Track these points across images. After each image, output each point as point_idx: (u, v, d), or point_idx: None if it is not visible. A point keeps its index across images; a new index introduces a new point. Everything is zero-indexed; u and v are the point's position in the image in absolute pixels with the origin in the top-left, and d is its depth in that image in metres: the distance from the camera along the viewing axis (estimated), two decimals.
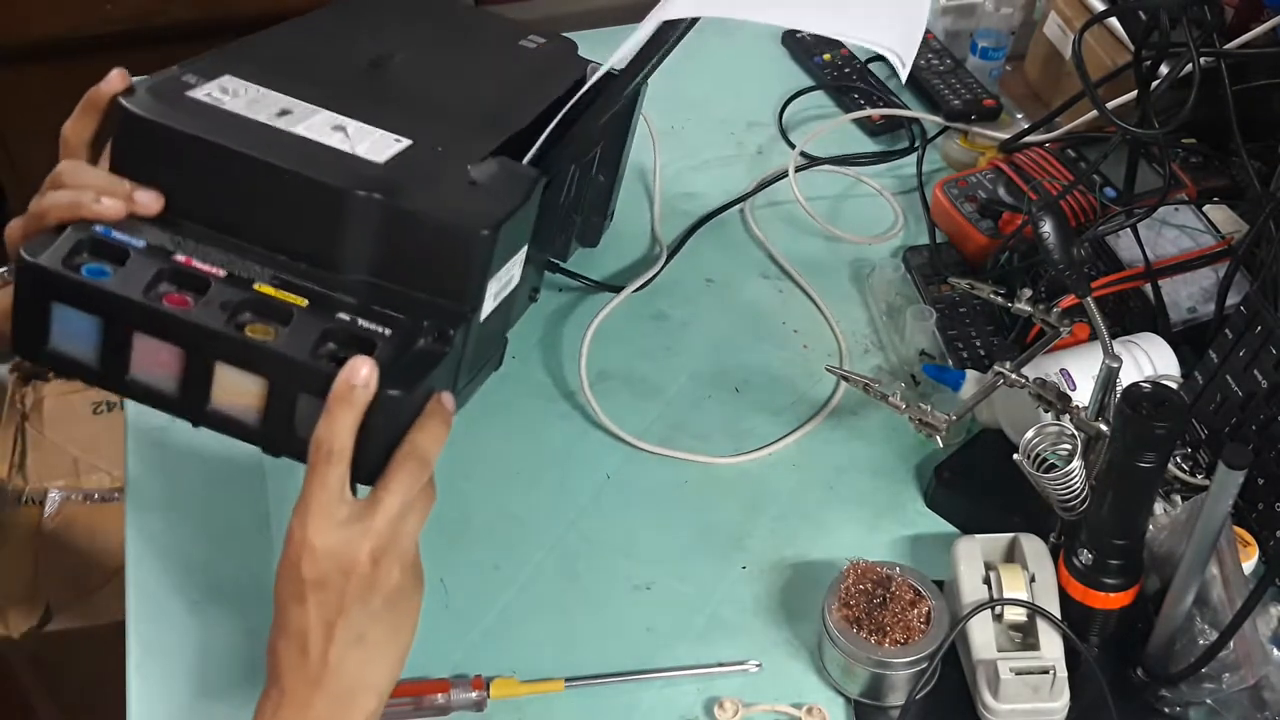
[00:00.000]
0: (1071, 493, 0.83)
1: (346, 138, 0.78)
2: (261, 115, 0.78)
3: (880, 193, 1.25)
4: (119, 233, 0.73)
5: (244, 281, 0.73)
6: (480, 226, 0.74)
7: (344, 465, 0.68)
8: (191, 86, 0.79)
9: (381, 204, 0.73)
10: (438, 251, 0.74)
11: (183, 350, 0.71)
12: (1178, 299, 1.04)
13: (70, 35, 1.99)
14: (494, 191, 0.78)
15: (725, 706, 0.83)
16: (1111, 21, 1.17)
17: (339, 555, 0.67)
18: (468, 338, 0.76)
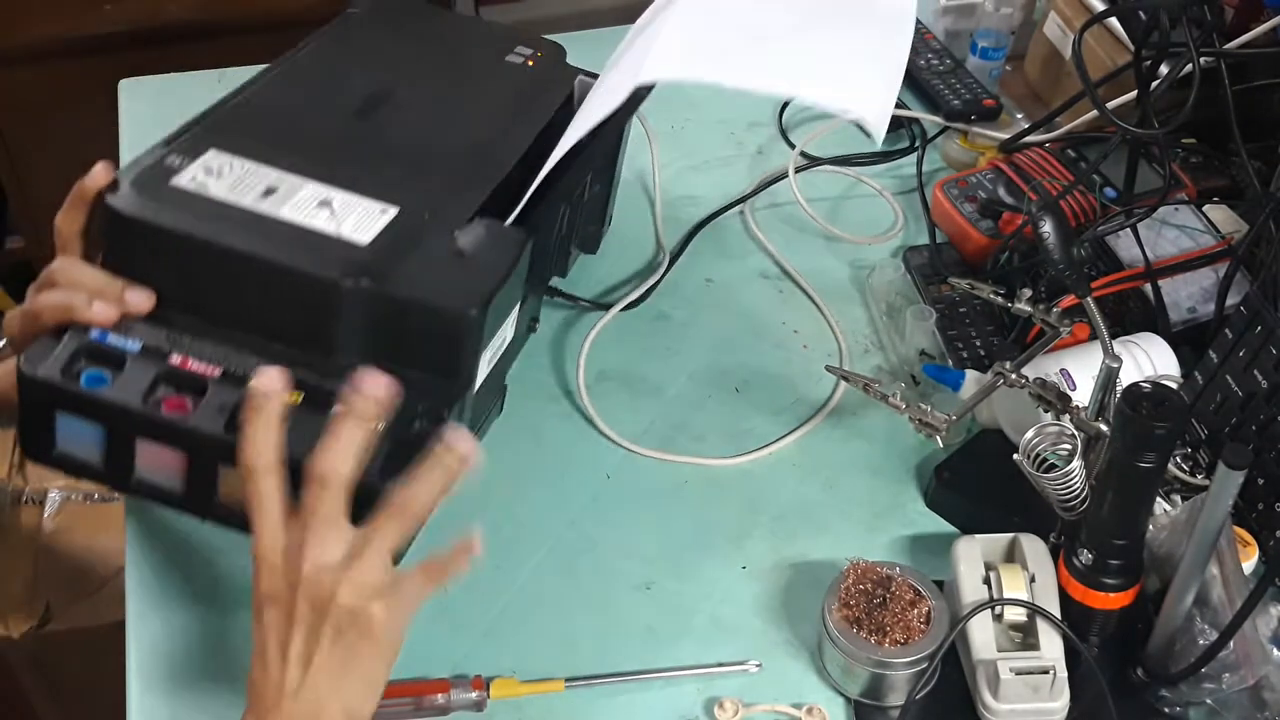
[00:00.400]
0: (1071, 493, 0.83)
1: (332, 215, 0.78)
2: (247, 198, 0.78)
3: (880, 193, 1.25)
4: (114, 336, 0.75)
5: (239, 379, 0.73)
6: (468, 306, 0.75)
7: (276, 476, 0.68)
8: (175, 171, 0.79)
9: (369, 291, 0.74)
10: (428, 333, 0.75)
11: (185, 454, 0.73)
12: (1178, 299, 1.04)
13: (70, 36, 1.99)
14: (481, 262, 0.78)
15: (725, 706, 0.83)
16: (1111, 21, 1.17)
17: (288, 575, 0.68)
18: (464, 410, 0.77)
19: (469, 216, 0.81)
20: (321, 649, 0.68)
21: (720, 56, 0.80)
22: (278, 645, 0.68)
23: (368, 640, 0.68)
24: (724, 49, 0.81)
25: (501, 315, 0.80)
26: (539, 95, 0.97)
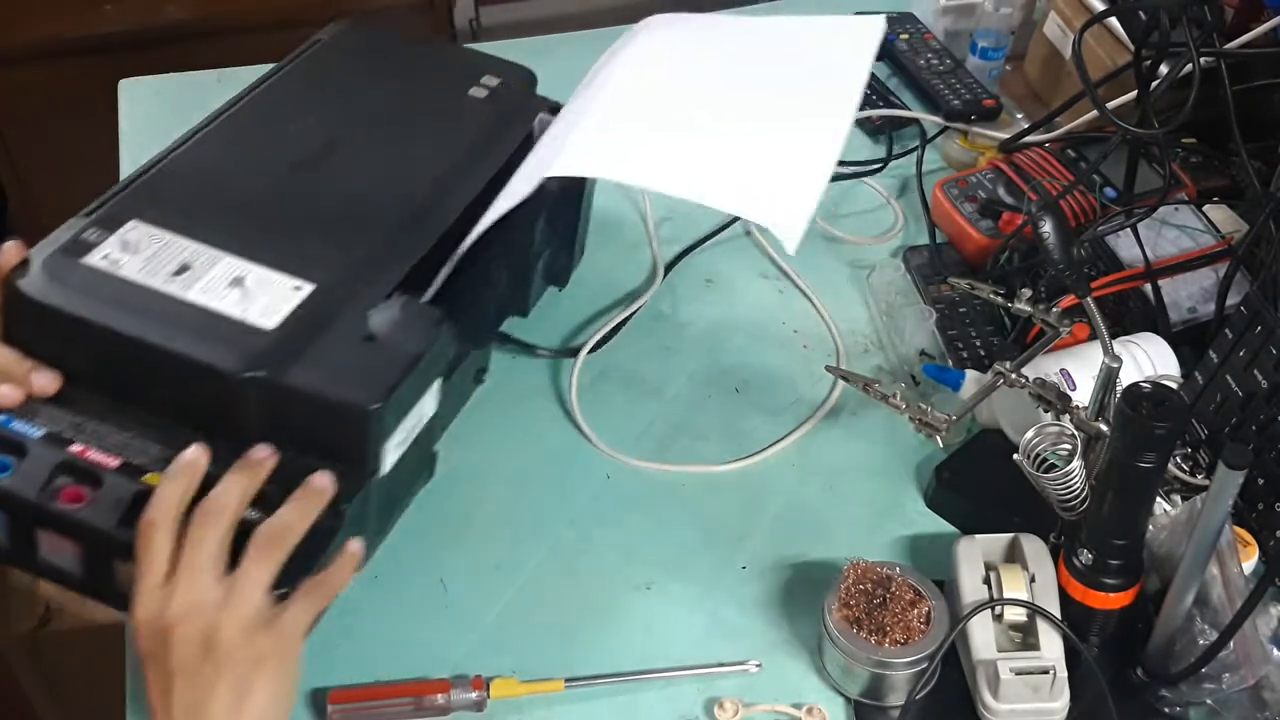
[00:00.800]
0: (1071, 493, 0.83)
1: (243, 294, 0.77)
2: (158, 278, 0.77)
3: (880, 193, 1.25)
4: (18, 422, 0.75)
5: (137, 470, 0.73)
6: (369, 401, 0.73)
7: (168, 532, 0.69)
8: (91, 247, 0.78)
9: (266, 382, 0.73)
10: (328, 425, 0.74)
11: (81, 546, 0.73)
12: (1178, 299, 1.04)
13: (70, 36, 1.99)
14: (390, 349, 0.76)
15: (725, 706, 0.83)
16: (1111, 21, 1.17)
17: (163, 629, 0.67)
18: (368, 499, 0.77)
19: (389, 290, 0.80)
20: (214, 692, 0.66)
21: (634, 156, 0.78)
22: (163, 703, 0.67)
23: (260, 671, 0.68)
24: (640, 147, 0.79)
25: (414, 398, 0.79)
26: (494, 138, 0.94)
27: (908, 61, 1.37)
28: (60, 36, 1.99)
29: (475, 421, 1.00)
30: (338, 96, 0.97)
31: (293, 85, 0.97)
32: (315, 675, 0.84)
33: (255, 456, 0.72)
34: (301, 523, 0.70)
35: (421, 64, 1.04)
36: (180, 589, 0.67)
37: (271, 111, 0.94)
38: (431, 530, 0.93)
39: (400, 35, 1.08)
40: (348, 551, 0.73)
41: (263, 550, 0.69)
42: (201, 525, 0.68)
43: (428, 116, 0.96)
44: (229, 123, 0.92)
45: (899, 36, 1.41)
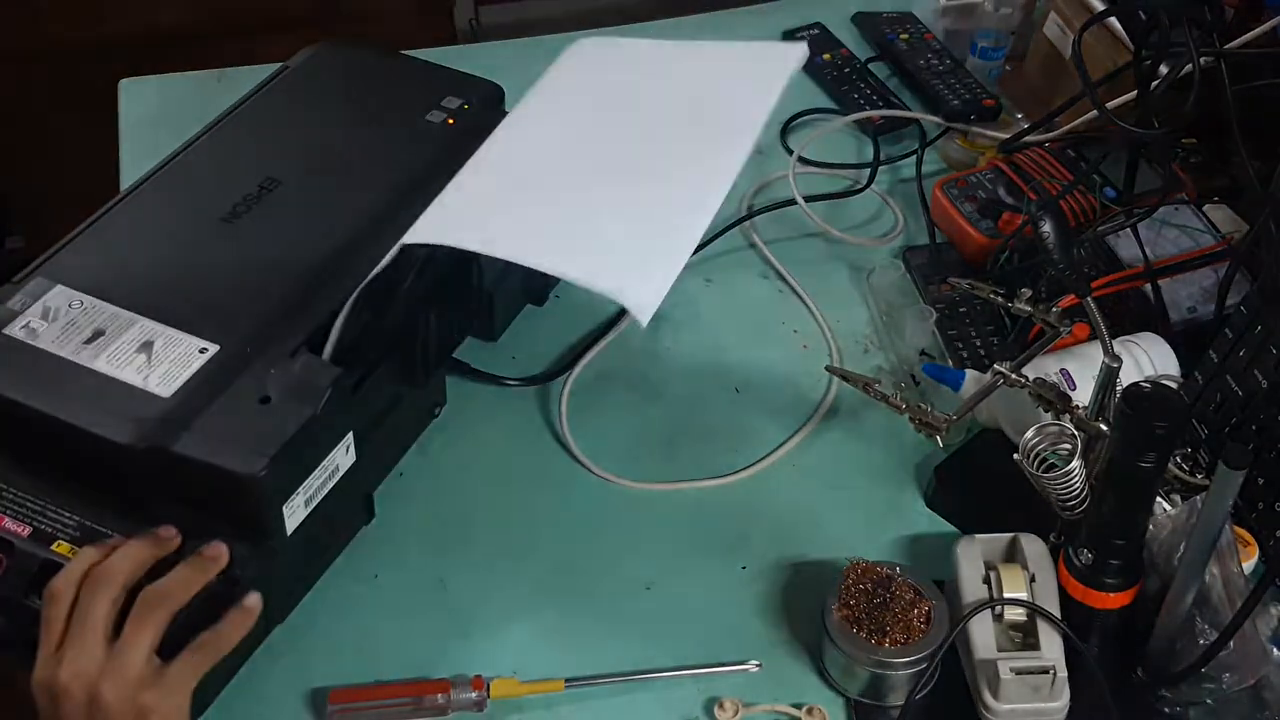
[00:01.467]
0: (1071, 493, 0.83)
1: (147, 362, 0.79)
2: (69, 346, 0.80)
3: (880, 194, 1.24)
4: None
5: (46, 539, 0.75)
6: (253, 469, 0.74)
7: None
8: (14, 316, 0.82)
9: (157, 451, 0.75)
10: (219, 492, 0.76)
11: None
12: (1178, 299, 1.04)
13: (70, 36, 1.99)
14: (283, 411, 0.77)
15: (725, 706, 0.83)
16: (1111, 21, 1.17)
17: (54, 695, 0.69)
18: (272, 561, 0.78)
19: (294, 348, 0.81)
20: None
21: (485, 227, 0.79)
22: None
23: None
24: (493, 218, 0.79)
25: (316, 457, 0.80)
26: (442, 168, 0.91)
27: (908, 61, 1.37)
28: (60, 36, 1.99)
29: (476, 423, 1.00)
30: (284, 136, 0.98)
31: (241, 124, 0.99)
32: (315, 675, 0.84)
33: (161, 534, 0.74)
34: (184, 589, 0.72)
35: (383, 88, 1.04)
36: (68, 656, 0.69)
37: (212, 157, 0.96)
38: (431, 530, 0.93)
39: (373, 53, 1.08)
40: (243, 606, 0.75)
41: (142, 611, 0.71)
42: (90, 593, 0.70)
43: (373, 151, 0.97)
44: (169, 174, 0.94)
45: (899, 36, 1.41)
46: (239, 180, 0.92)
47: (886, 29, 1.42)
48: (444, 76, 1.04)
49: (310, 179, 0.94)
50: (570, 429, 1.00)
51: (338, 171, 0.95)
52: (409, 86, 1.04)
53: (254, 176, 0.93)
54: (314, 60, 1.05)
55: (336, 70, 1.05)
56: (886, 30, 1.42)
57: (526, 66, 1.04)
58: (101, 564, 0.72)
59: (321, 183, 0.94)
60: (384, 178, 0.94)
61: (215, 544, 0.74)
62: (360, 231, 0.89)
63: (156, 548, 0.74)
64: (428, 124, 0.99)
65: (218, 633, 0.73)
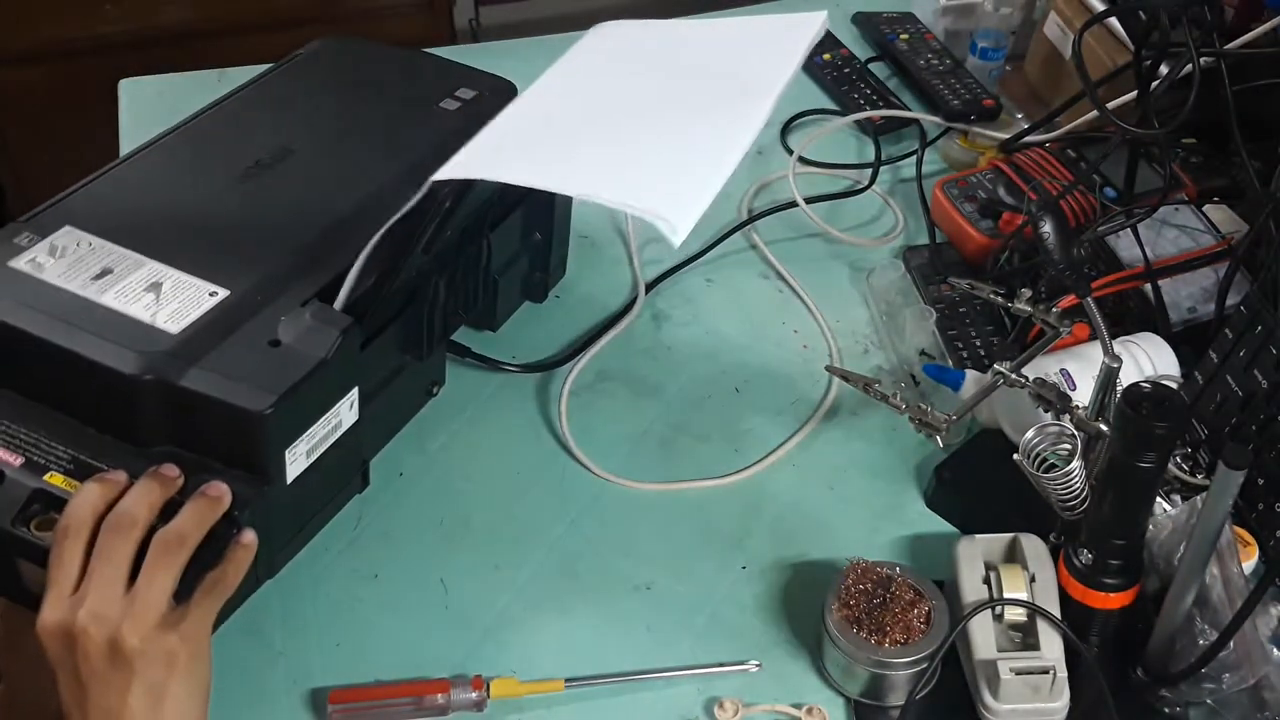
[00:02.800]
0: (1071, 493, 0.83)
1: (155, 300, 0.78)
2: (75, 282, 0.79)
3: (880, 194, 1.24)
4: None
5: (39, 469, 0.75)
6: (260, 405, 0.74)
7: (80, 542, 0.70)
8: (19, 251, 0.81)
9: (162, 385, 0.74)
10: (225, 430, 0.75)
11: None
12: (1178, 299, 1.04)
13: (70, 36, 1.99)
14: (293, 354, 0.77)
15: (725, 706, 0.83)
16: (1111, 21, 1.17)
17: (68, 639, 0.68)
18: (269, 507, 0.77)
19: (305, 299, 0.80)
20: (129, 696, 0.68)
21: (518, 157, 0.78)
22: (79, 709, 0.68)
23: (173, 671, 0.69)
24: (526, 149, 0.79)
25: (321, 405, 0.79)
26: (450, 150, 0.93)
27: (908, 61, 1.37)
28: (60, 36, 1.99)
29: (476, 422, 1.00)
30: (300, 109, 0.98)
31: (255, 99, 0.99)
32: (315, 675, 0.84)
33: (165, 473, 0.74)
34: (197, 530, 0.71)
35: (397, 77, 1.04)
36: (89, 600, 0.68)
37: (227, 124, 0.96)
38: (431, 530, 0.93)
39: (385, 47, 1.08)
40: (240, 543, 0.74)
41: (159, 556, 0.70)
42: (111, 538, 0.70)
43: (389, 129, 0.97)
44: (183, 135, 0.94)
45: (899, 36, 1.41)
46: (254, 146, 0.92)
47: (886, 29, 1.42)
48: (457, 70, 1.04)
49: (325, 150, 0.94)
50: (570, 429, 1.00)
51: (353, 145, 0.95)
52: (422, 77, 1.04)
53: (269, 143, 0.92)
54: (325, 49, 1.05)
55: (348, 59, 1.05)
56: (886, 30, 1.42)
57: (527, 66, 1.04)
58: (120, 506, 0.71)
59: (336, 153, 0.94)
60: (399, 153, 0.94)
61: (215, 483, 0.73)
62: (374, 198, 0.89)
63: (166, 488, 0.73)
64: (442, 110, 0.99)
65: (224, 572, 0.73)
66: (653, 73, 0.88)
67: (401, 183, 0.89)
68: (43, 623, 0.68)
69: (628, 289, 1.14)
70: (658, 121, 0.82)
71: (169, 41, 2.02)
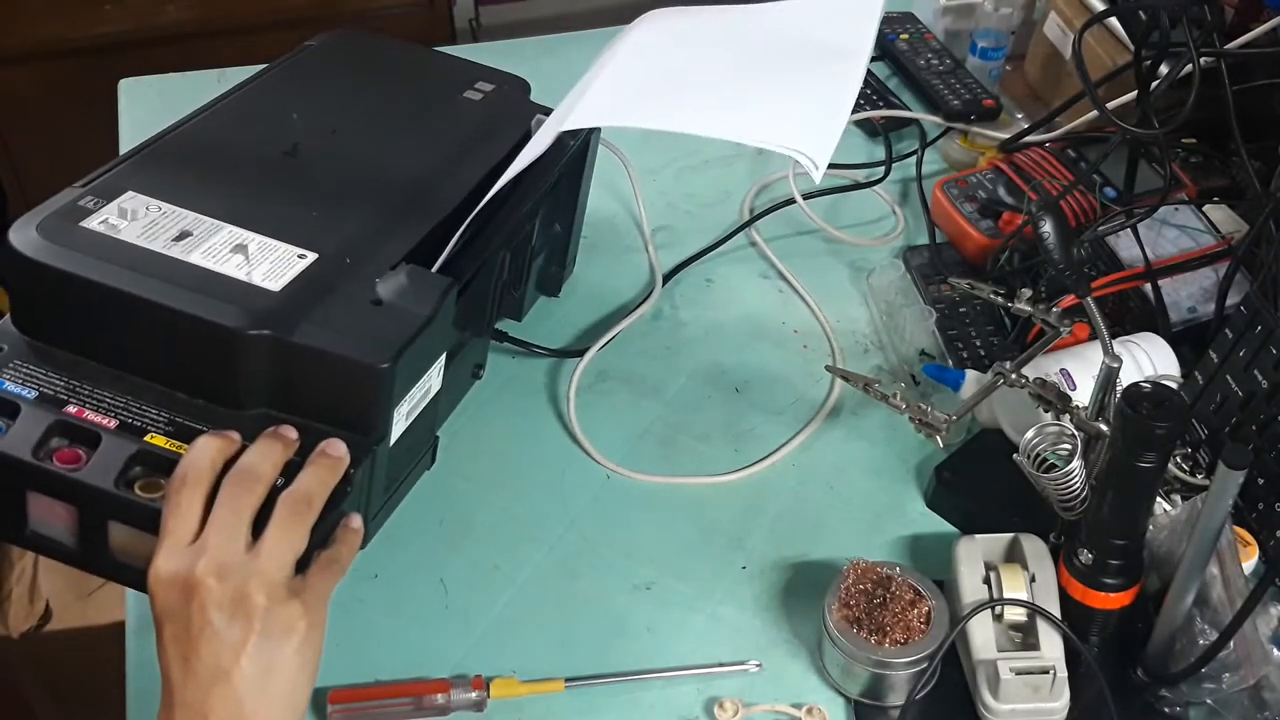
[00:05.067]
0: (1071, 493, 0.83)
1: (246, 261, 0.76)
2: (157, 242, 0.76)
3: (882, 197, 1.24)
4: (10, 383, 0.73)
5: (136, 431, 0.72)
6: (378, 360, 0.72)
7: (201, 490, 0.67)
8: (88, 213, 0.77)
9: (273, 340, 0.72)
10: (336, 386, 0.73)
11: (76, 509, 0.71)
12: (1178, 299, 1.04)
13: (70, 36, 1.99)
14: (398, 312, 0.76)
15: (725, 706, 0.83)
16: (1111, 21, 1.17)
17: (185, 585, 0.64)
18: (374, 468, 0.75)
19: (395, 262, 0.79)
20: (242, 656, 0.64)
21: (647, 101, 0.78)
22: (182, 662, 0.64)
23: (290, 640, 0.65)
24: (653, 94, 0.79)
25: (421, 367, 0.78)
26: (491, 134, 0.94)
27: (908, 61, 1.37)
28: (60, 36, 1.99)
29: (477, 422, 1.00)
30: (334, 90, 0.97)
31: (289, 79, 0.97)
32: None
33: (284, 433, 0.71)
34: (322, 489, 0.69)
35: (415, 68, 1.04)
36: (211, 549, 0.64)
37: (269, 100, 0.93)
38: (431, 530, 0.93)
39: (393, 41, 1.07)
40: (350, 527, 0.73)
41: (289, 516, 0.67)
42: (237, 488, 0.67)
43: (424, 112, 0.96)
44: (228, 108, 0.91)
45: (899, 36, 1.41)
46: (293, 125, 0.90)
47: (886, 29, 1.42)
48: (468, 67, 1.04)
49: (367, 127, 0.92)
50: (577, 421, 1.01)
51: (393, 124, 0.94)
52: (437, 70, 1.04)
53: (309, 122, 0.90)
54: (337, 41, 1.03)
55: (363, 51, 1.04)
56: (886, 30, 1.42)
57: (527, 66, 1.05)
58: (244, 460, 0.68)
59: (380, 130, 0.93)
60: (442, 131, 0.93)
61: (334, 441, 0.71)
62: (432, 173, 0.88)
63: (288, 448, 0.70)
64: (467, 99, 0.98)
65: (338, 553, 0.71)
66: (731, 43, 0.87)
67: (455, 157, 0.90)
68: (157, 571, 0.64)
69: (633, 282, 1.14)
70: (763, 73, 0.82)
71: (169, 41, 2.02)
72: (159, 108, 1.30)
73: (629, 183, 1.17)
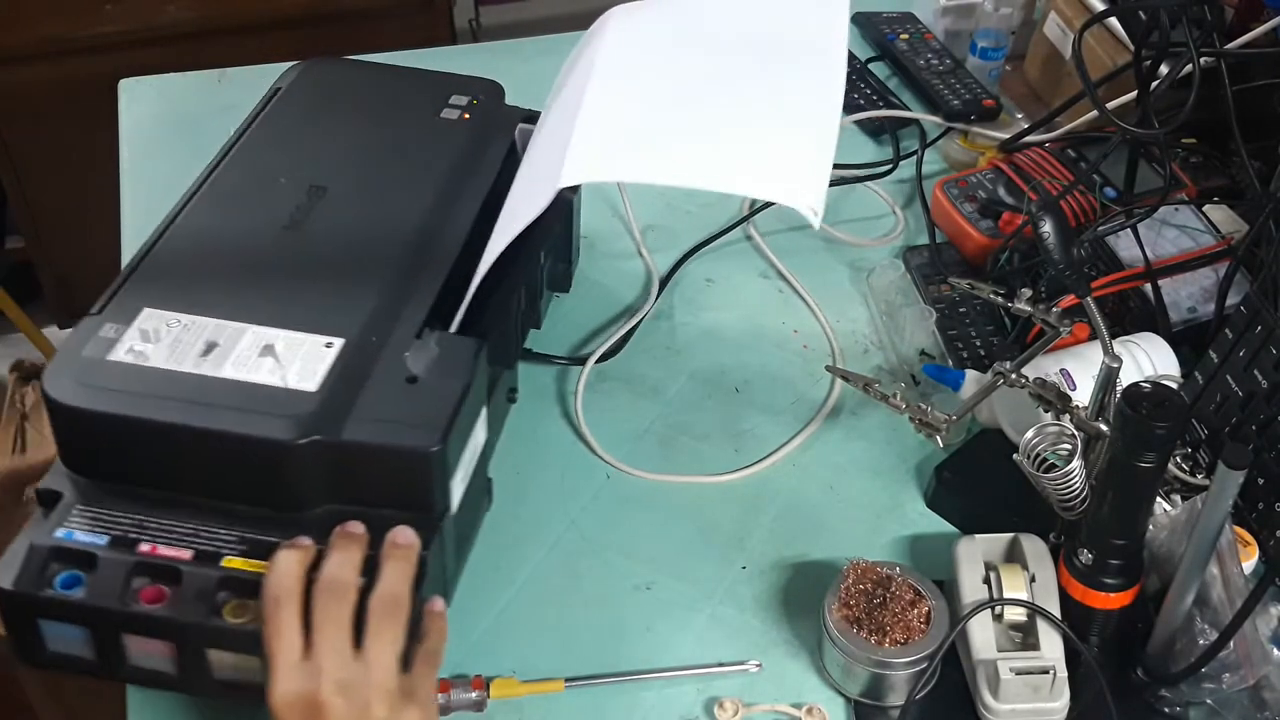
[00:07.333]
0: (1071, 493, 0.83)
1: (277, 363, 0.76)
2: (187, 361, 0.76)
3: (882, 196, 1.24)
4: (80, 533, 0.73)
5: (212, 558, 0.72)
6: (428, 444, 0.73)
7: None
8: (112, 343, 0.77)
9: (323, 444, 0.72)
10: (392, 473, 0.74)
11: (173, 642, 0.71)
12: (1178, 299, 1.04)
13: (70, 35, 1.99)
14: (435, 387, 0.76)
15: (725, 706, 0.83)
16: (1111, 21, 1.17)
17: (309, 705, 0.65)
18: (444, 541, 0.76)
19: (417, 329, 0.80)
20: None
21: (639, 153, 0.78)
22: None
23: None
24: (642, 144, 0.78)
25: (467, 429, 0.78)
26: (478, 157, 0.94)
27: (908, 61, 1.37)
28: (60, 36, 1.99)
29: None
30: (312, 143, 0.96)
31: (264, 139, 0.96)
32: None
33: (350, 530, 0.71)
34: (405, 582, 0.69)
35: (387, 95, 1.03)
36: (326, 668, 0.65)
37: (250, 171, 0.93)
38: None
39: (363, 65, 1.07)
40: (434, 612, 0.73)
41: (385, 619, 0.68)
42: (328, 602, 0.67)
43: (407, 148, 0.96)
44: (211, 191, 0.91)
45: (899, 36, 1.41)
46: (281, 195, 0.89)
47: (886, 29, 1.42)
48: (440, 79, 1.04)
49: (355, 180, 0.92)
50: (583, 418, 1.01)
51: (379, 170, 0.94)
52: (409, 92, 1.03)
53: (296, 188, 0.90)
54: (305, 77, 1.03)
55: (332, 84, 1.03)
56: (886, 30, 1.42)
57: (527, 66, 1.05)
58: (326, 572, 0.68)
59: (367, 182, 0.92)
60: (427, 169, 0.93)
61: (402, 530, 0.71)
62: (430, 218, 0.88)
63: (362, 547, 0.70)
64: (445, 121, 0.98)
65: (435, 644, 0.71)
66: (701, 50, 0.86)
67: (445, 202, 0.90)
68: (281, 694, 0.65)
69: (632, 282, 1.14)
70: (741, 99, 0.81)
71: (169, 41, 2.02)
72: (159, 108, 1.30)
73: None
